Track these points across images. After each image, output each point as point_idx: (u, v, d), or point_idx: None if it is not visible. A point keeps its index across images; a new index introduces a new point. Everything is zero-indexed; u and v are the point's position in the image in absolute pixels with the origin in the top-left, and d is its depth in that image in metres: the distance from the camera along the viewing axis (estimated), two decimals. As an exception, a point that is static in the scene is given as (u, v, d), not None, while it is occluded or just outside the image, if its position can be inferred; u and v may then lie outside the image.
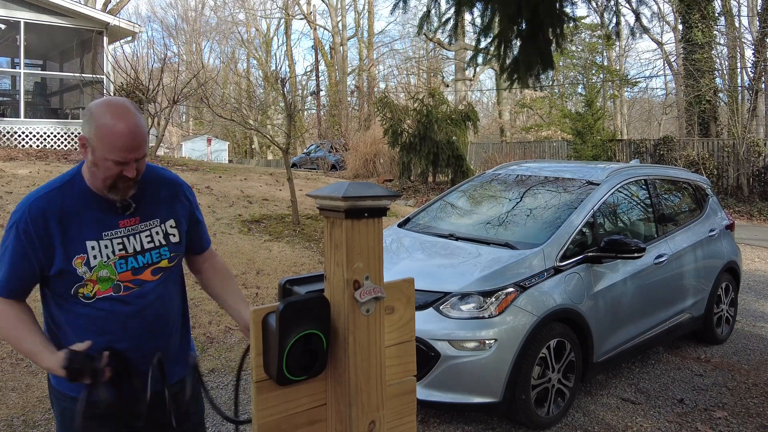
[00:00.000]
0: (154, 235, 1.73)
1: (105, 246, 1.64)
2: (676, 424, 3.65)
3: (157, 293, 1.73)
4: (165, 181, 1.82)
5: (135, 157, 1.58)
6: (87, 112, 1.60)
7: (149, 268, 1.70)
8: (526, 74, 3.55)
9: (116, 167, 1.57)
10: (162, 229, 1.74)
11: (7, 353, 4.16)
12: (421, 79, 32.78)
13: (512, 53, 3.57)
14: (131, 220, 1.69)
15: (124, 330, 1.67)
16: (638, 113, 33.70)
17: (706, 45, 18.20)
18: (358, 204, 0.99)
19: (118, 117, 1.55)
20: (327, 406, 1.05)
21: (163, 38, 40.15)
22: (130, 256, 1.67)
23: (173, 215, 1.78)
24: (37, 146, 12.66)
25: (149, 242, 1.71)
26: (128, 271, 1.67)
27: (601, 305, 3.82)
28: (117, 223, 1.67)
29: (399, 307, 1.14)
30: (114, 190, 1.61)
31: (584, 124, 17.40)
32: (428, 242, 4.18)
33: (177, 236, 1.78)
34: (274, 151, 33.94)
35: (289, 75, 35.89)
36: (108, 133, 1.54)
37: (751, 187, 15.07)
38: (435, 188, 14.64)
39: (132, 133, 1.56)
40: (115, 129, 1.54)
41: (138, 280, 1.68)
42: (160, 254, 1.73)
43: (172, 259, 1.77)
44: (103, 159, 1.56)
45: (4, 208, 6.90)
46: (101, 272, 1.64)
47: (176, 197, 1.81)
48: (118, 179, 1.59)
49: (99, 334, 1.63)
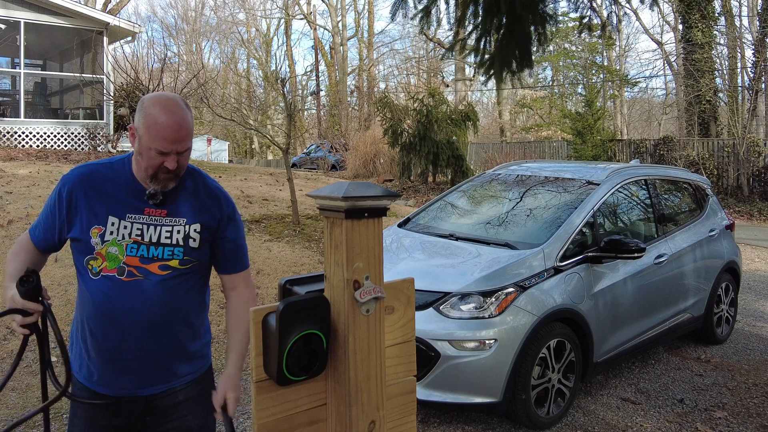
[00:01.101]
0: (175, 233, 1.72)
1: (124, 227, 1.69)
2: (676, 424, 3.65)
3: (160, 294, 1.70)
4: (207, 189, 1.82)
5: (177, 150, 1.64)
6: (140, 103, 1.68)
7: (158, 263, 1.70)
8: (501, 70, 3.48)
9: (159, 157, 1.63)
10: (185, 229, 1.74)
11: (7, 353, 4.16)
12: (421, 79, 32.78)
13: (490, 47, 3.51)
14: (158, 211, 1.72)
15: (117, 318, 1.67)
16: (638, 113, 33.69)
17: (706, 45, 18.20)
18: (358, 204, 0.99)
19: (165, 109, 1.62)
20: (327, 406, 1.05)
21: (163, 38, 40.20)
22: (143, 244, 1.69)
23: (201, 221, 1.77)
24: (37, 146, 12.66)
25: (167, 237, 1.71)
26: (137, 258, 1.68)
27: (601, 305, 3.82)
28: (143, 210, 1.71)
29: (399, 307, 1.14)
30: (155, 180, 1.67)
31: (584, 124, 17.41)
32: (428, 242, 4.18)
33: (197, 243, 1.75)
34: (274, 151, 33.96)
35: (289, 75, 35.89)
36: (153, 124, 1.61)
37: (751, 187, 15.07)
38: (435, 188, 14.64)
39: (176, 125, 1.62)
40: (160, 120, 1.61)
41: (143, 269, 1.68)
42: (173, 253, 1.72)
43: (185, 263, 1.73)
44: (147, 148, 1.63)
45: (5, 208, 6.90)
46: (111, 248, 1.67)
47: (209, 208, 1.79)
48: (159, 170, 1.65)
49: (95, 314, 1.69)
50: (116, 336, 1.68)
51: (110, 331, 1.69)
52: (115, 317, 1.67)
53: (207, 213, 1.78)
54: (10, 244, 5.90)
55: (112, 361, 1.71)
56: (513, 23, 3.32)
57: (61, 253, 5.76)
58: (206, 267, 1.83)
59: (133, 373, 1.72)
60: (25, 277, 1.60)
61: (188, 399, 1.80)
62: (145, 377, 1.74)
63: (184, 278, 1.75)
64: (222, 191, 1.86)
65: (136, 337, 1.69)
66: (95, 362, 1.73)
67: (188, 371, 1.81)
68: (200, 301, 1.84)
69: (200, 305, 1.85)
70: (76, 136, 13.19)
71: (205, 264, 1.82)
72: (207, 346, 1.90)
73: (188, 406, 1.80)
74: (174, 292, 1.72)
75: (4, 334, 4.42)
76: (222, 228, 1.81)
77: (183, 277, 1.74)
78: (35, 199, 7.40)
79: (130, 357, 1.70)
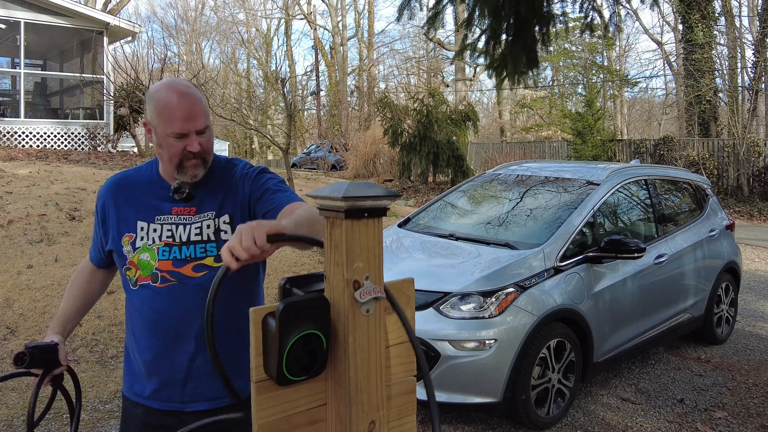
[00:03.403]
0: (204, 228, 1.59)
1: (154, 230, 1.60)
2: (676, 424, 3.65)
3: (198, 299, 1.54)
4: (223, 169, 1.67)
5: (195, 128, 1.53)
6: (147, 95, 1.59)
7: (191, 263, 1.57)
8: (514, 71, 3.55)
9: (179, 142, 1.53)
10: (215, 223, 1.60)
11: (7, 353, 4.17)
12: (421, 79, 32.79)
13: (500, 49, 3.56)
14: (186, 209, 1.61)
15: (158, 329, 1.58)
16: (638, 113, 33.70)
17: (706, 45, 18.21)
18: (358, 204, 0.99)
19: (171, 89, 1.52)
20: (327, 406, 1.05)
21: (163, 38, 40.15)
22: (175, 245, 1.58)
23: (229, 209, 1.62)
24: (37, 146, 12.66)
25: (197, 234, 1.59)
26: (169, 261, 1.57)
27: (601, 305, 3.82)
28: (170, 209, 1.61)
29: (399, 307, 1.13)
30: (182, 170, 1.56)
31: (584, 125, 17.41)
32: (428, 242, 4.18)
33: (230, 234, 1.59)
34: (275, 151, 33.95)
35: (289, 75, 35.87)
36: (164, 107, 1.51)
37: (751, 187, 15.07)
38: (435, 188, 14.64)
39: (187, 102, 1.51)
40: (169, 100, 1.51)
41: (177, 273, 1.56)
42: (206, 250, 1.58)
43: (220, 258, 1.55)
44: (164, 136, 1.53)
45: (5, 208, 6.89)
46: (143, 255, 1.58)
47: (232, 187, 1.64)
48: (183, 157, 1.54)
49: (139, 326, 1.62)
50: (159, 348, 1.58)
51: (153, 344, 1.59)
52: (155, 328, 1.58)
53: (232, 195, 1.63)
54: (11, 244, 5.90)
55: (160, 374, 1.60)
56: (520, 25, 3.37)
57: (60, 252, 5.78)
58: (252, 265, 1.54)
59: (181, 387, 1.59)
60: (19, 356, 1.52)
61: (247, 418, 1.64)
62: (195, 392, 1.59)
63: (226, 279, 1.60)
64: (235, 160, 1.72)
65: (179, 349, 1.57)
66: (144, 375, 1.63)
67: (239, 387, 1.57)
68: (252, 303, 1.64)
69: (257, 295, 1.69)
70: (76, 136, 13.19)
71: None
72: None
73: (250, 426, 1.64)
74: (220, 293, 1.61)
75: (4, 334, 4.42)
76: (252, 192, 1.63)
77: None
78: (35, 199, 7.40)
79: (176, 370, 1.57)
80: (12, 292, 4.98)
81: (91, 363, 4.02)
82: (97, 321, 4.72)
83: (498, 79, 3.72)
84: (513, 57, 3.48)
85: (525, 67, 3.56)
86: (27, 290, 5.02)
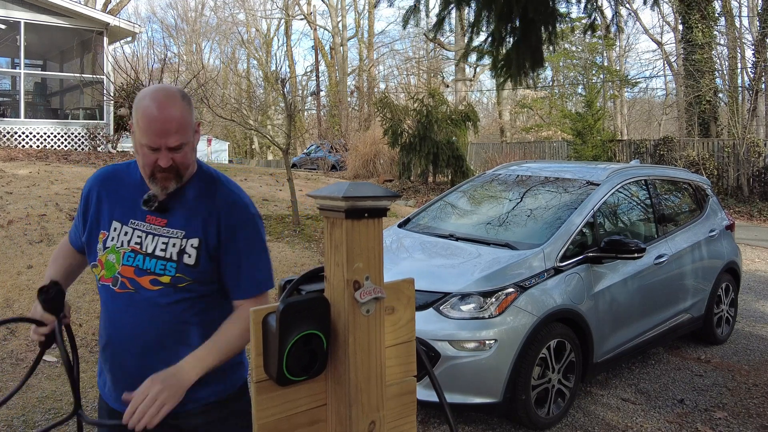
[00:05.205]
0: (170, 246, 1.56)
1: (125, 233, 1.59)
2: (676, 425, 3.65)
3: (151, 312, 1.54)
4: (222, 198, 1.61)
5: (167, 145, 1.49)
6: (136, 97, 1.57)
7: (149, 276, 1.55)
8: (518, 72, 3.57)
9: (151, 154, 1.51)
10: (181, 243, 1.56)
11: (7, 353, 4.16)
12: (421, 79, 32.79)
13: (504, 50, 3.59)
14: (158, 220, 1.59)
15: (113, 331, 1.58)
16: (638, 113, 33.70)
17: (706, 45, 18.21)
18: (358, 204, 0.99)
19: (155, 100, 1.49)
20: (327, 407, 1.05)
21: (163, 38, 40.15)
22: (140, 254, 1.56)
23: (200, 234, 1.57)
24: (37, 146, 12.66)
25: (162, 250, 1.56)
26: (132, 268, 1.56)
27: (601, 305, 3.82)
28: (144, 217, 1.59)
29: (399, 308, 1.14)
30: (153, 181, 1.54)
31: (584, 125, 17.41)
32: (428, 242, 4.18)
33: (193, 259, 1.56)
34: (275, 152, 33.95)
35: (290, 75, 35.87)
36: (143, 116, 1.49)
37: (751, 187, 15.07)
38: (435, 188, 14.64)
39: (164, 118, 1.47)
40: (148, 111, 1.48)
41: (136, 282, 1.55)
42: (165, 268, 1.55)
43: (178, 281, 1.55)
44: (140, 144, 1.52)
45: (5, 208, 6.89)
46: (110, 256, 1.58)
47: (216, 220, 1.59)
48: (154, 168, 1.52)
49: (101, 323, 1.64)
50: (115, 350, 1.59)
51: (109, 345, 1.60)
52: (112, 330, 1.59)
53: (212, 226, 1.58)
54: (11, 244, 5.90)
55: (115, 374, 1.61)
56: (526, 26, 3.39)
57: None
58: (217, 289, 1.62)
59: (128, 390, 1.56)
60: (45, 287, 1.54)
61: (210, 422, 1.64)
62: None
63: (186, 299, 1.56)
64: (239, 199, 1.64)
65: (132, 354, 1.57)
66: (107, 374, 1.65)
67: (204, 395, 1.61)
68: (214, 324, 1.59)
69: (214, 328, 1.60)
70: (76, 136, 13.19)
71: (213, 284, 1.60)
72: (231, 370, 1.68)
73: (209, 429, 1.64)
74: (171, 312, 1.54)
75: (4, 334, 4.42)
76: (226, 241, 1.58)
77: (182, 296, 1.56)
78: (35, 199, 7.40)
79: (129, 374, 1.57)
80: (12, 292, 4.98)
81: (92, 363, 4.02)
82: (96, 321, 4.73)
83: (501, 79, 3.74)
84: (518, 58, 3.50)
85: (530, 68, 3.58)
86: (27, 290, 5.02)
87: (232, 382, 1.70)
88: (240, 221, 1.61)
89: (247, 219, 1.63)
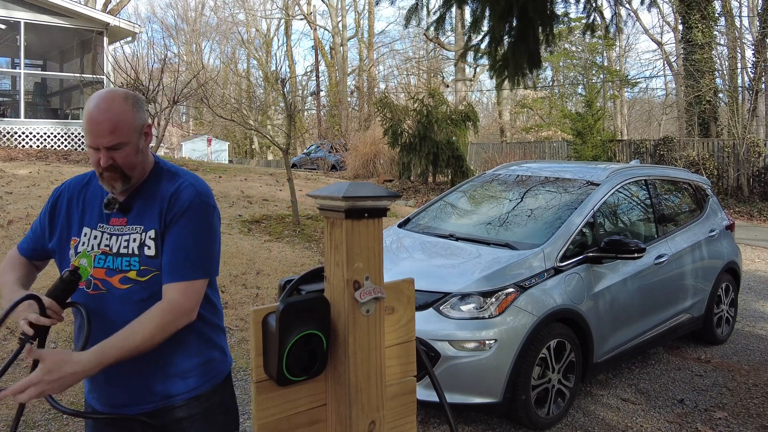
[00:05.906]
0: (131, 242, 1.61)
1: (95, 237, 1.64)
2: (676, 425, 3.65)
3: (124, 310, 1.56)
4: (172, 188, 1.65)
5: (103, 144, 1.53)
6: None
7: (119, 275, 1.59)
8: (516, 73, 3.58)
9: (94, 153, 1.56)
10: (141, 237, 1.61)
11: (7, 353, 4.16)
12: (421, 79, 32.80)
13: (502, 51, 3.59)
14: (120, 220, 1.64)
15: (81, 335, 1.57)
16: (638, 113, 33.71)
17: (706, 45, 18.21)
18: (358, 204, 0.99)
19: (95, 102, 1.55)
20: (327, 407, 1.05)
21: (163, 38, 40.22)
22: (110, 255, 1.61)
23: (155, 225, 1.62)
24: (37, 146, 12.66)
25: (125, 247, 1.61)
26: (103, 269, 1.60)
27: (601, 305, 3.82)
28: (109, 219, 1.65)
29: (399, 308, 1.14)
30: (102, 180, 1.60)
31: (584, 125, 17.41)
32: (428, 242, 4.18)
33: (153, 250, 1.60)
34: (275, 152, 33.96)
35: (289, 75, 35.85)
36: (84, 117, 1.57)
37: (751, 187, 15.07)
38: (435, 188, 14.64)
39: (99, 117, 1.52)
40: (89, 111, 1.55)
41: (107, 283, 1.59)
42: (130, 263, 1.59)
43: (143, 273, 1.58)
44: (88, 145, 1.58)
45: (5, 209, 6.90)
46: (82, 260, 1.62)
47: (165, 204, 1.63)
48: (99, 168, 1.58)
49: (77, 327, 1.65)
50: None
51: (87, 347, 1.56)
52: (79, 332, 1.61)
53: (164, 214, 1.62)
54: (11, 244, 5.89)
55: (96, 375, 1.56)
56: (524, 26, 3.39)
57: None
58: None
59: (115, 390, 1.62)
60: (73, 269, 1.56)
61: (192, 416, 1.67)
62: (130, 395, 1.62)
63: (157, 293, 1.58)
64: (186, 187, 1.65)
65: None
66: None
67: (182, 390, 1.65)
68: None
69: None
70: (76, 136, 13.19)
71: None
72: (212, 363, 1.72)
73: (193, 423, 1.67)
74: (144, 308, 1.55)
75: (4, 334, 4.42)
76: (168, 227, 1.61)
77: (153, 291, 1.58)
78: (35, 199, 7.40)
79: (109, 373, 1.55)
80: (12, 293, 4.97)
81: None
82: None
83: (499, 79, 3.75)
84: (515, 58, 3.50)
85: (527, 68, 3.58)
86: (27, 290, 5.02)
87: (214, 376, 1.72)
88: (186, 206, 1.62)
89: (193, 204, 1.63)
